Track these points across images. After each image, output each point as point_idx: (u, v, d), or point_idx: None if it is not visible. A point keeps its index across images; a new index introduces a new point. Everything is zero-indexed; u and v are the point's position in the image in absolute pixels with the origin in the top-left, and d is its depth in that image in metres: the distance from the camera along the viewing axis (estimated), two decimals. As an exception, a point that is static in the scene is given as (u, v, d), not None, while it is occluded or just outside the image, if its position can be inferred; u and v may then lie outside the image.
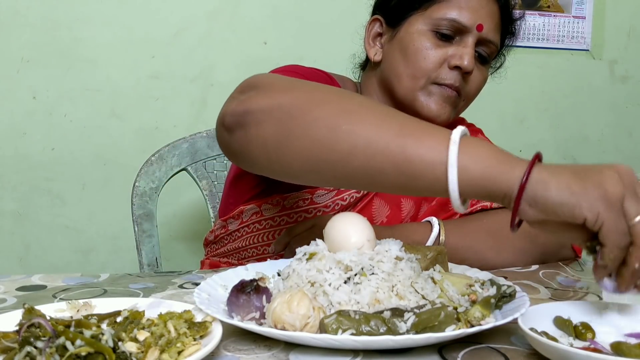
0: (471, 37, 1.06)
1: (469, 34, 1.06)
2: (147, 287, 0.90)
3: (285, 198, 1.11)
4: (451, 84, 1.06)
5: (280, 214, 1.12)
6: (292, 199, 1.11)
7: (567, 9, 2.03)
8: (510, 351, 0.65)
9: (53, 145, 1.69)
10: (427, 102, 1.07)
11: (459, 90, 1.07)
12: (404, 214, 1.16)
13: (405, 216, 1.17)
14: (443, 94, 1.06)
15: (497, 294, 0.70)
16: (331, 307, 0.67)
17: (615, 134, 2.13)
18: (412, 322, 0.63)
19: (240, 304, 0.68)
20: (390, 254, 0.73)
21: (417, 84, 1.07)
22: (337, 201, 1.11)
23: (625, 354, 0.61)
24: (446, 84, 1.06)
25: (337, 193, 1.11)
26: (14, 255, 1.73)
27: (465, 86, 1.08)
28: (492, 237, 1.05)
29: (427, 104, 1.07)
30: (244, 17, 1.79)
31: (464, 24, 1.05)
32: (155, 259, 1.39)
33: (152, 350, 0.58)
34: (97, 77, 1.71)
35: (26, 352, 0.55)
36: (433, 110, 1.07)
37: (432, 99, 1.07)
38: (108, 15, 1.70)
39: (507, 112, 2.04)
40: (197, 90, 1.76)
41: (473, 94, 1.11)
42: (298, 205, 1.11)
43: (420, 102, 1.07)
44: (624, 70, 2.11)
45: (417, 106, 1.08)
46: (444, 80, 1.06)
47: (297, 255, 0.76)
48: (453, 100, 1.07)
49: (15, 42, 1.65)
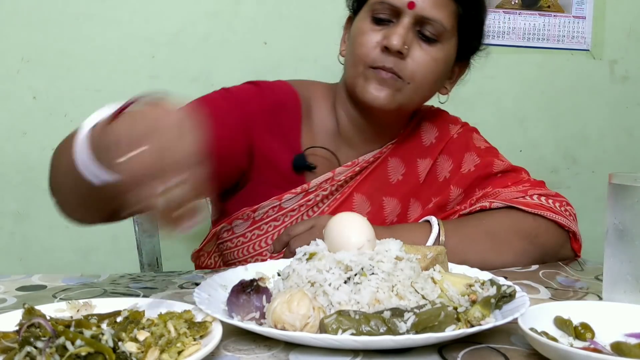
0: (407, 17, 1.04)
1: (404, 15, 1.04)
2: (147, 287, 0.90)
3: (255, 210, 1.12)
4: (383, 66, 1.04)
5: (251, 229, 1.13)
6: (263, 209, 1.12)
7: (567, 9, 2.03)
8: (510, 351, 0.65)
9: (53, 145, 1.68)
10: (363, 87, 1.06)
11: (395, 72, 1.05)
12: (386, 212, 1.17)
13: (389, 214, 1.17)
14: (377, 77, 1.05)
15: (497, 294, 0.70)
16: (331, 307, 0.67)
17: (615, 134, 2.13)
18: (412, 322, 0.63)
19: (240, 304, 0.68)
20: (390, 254, 0.73)
21: (356, 70, 1.07)
22: (303, 203, 1.12)
23: (625, 354, 0.61)
24: (379, 67, 1.05)
25: (304, 195, 1.12)
26: (14, 255, 1.73)
27: (404, 68, 1.05)
28: (491, 238, 1.05)
29: (363, 88, 1.06)
30: (244, 17, 1.79)
31: (394, 4, 1.04)
32: (155, 259, 1.39)
33: (152, 350, 0.58)
34: (97, 77, 1.70)
35: (26, 352, 0.55)
36: (369, 94, 1.06)
37: (368, 83, 1.06)
38: (108, 15, 1.70)
39: (507, 112, 2.04)
40: (197, 90, 1.75)
41: (420, 75, 1.07)
42: (268, 215, 1.12)
43: (359, 88, 1.07)
44: (624, 70, 2.11)
45: (357, 92, 1.08)
46: (377, 63, 1.05)
47: (297, 255, 0.76)
48: (391, 83, 1.05)
49: (15, 42, 1.65)
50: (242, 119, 1.09)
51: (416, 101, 1.12)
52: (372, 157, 1.17)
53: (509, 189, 1.14)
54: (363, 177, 1.17)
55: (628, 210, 0.79)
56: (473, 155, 1.20)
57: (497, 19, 1.98)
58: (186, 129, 0.60)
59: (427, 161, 1.20)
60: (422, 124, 1.23)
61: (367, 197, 1.16)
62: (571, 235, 1.12)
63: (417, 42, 1.06)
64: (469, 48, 1.15)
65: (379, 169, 1.18)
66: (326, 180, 1.13)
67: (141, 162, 0.57)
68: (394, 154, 1.19)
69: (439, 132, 1.23)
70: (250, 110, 1.10)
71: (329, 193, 1.14)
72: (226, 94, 1.11)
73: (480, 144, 1.24)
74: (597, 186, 2.07)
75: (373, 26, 1.07)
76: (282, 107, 1.13)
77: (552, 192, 1.15)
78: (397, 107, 1.08)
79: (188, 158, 0.58)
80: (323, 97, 1.19)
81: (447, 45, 1.08)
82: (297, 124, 1.15)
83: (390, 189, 1.18)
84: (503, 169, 1.19)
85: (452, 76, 1.18)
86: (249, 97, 1.11)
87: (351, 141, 1.18)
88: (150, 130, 0.58)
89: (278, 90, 1.15)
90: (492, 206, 1.10)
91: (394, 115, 1.13)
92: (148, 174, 0.57)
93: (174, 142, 0.58)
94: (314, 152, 1.14)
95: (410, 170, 1.20)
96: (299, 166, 1.12)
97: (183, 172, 0.58)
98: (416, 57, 1.06)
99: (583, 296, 0.89)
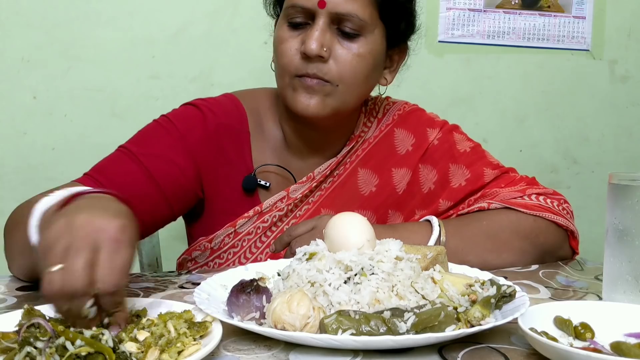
0: (321, 17, 1.00)
1: (318, 16, 1.00)
2: (147, 287, 0.90)
3: (212, 240, 1.11)
4: (306, 73, 1.01)
5: (211, 258, 1.12)
6: (218, 238, 1.10)
7: (567, 9, 2.03)
8: (510, 351, 0.65)
9: (53, 145, 1.69)
10: (292, 97, 1.03)
11: (320, 77, 1.01)
12: None
13: None
14: (304, 85, 1.01)
15: (497, 294, 0.70)
16: (331, 307, 0.67)
17: (615, 134, 2.13)
18: (412, 322, 0.63)
19: (240, 304, 0.68)
20: (390, 254, 0.73)
21: (284, 81, 1.04)
22: (258, 225, 1.10)
23: (625, 354, 0.61)
24: (303, 74, 1.01)
25: (259, 217, 1.10)
26: (14, 255, 1.73)
27: (329, 71, 1.01)
28: (492, 239, 1.05)
29: (293, 99, 1.03)
30: (244, 17, 1.79)
31: (304, 6, 1.00)
32: (155, 259, 1.39)
33: (152, 350, 0.58)
34: (97, 77, 1.70)
35: (26, 353, 0.55)
36: (299, 104, 1.02)
37: (296, 93, 1.02)
38: (108, 15, 1.70)
39: (507, 112, 2.04)
40: (197, 90, 1.76)
41: (348, 75, 1.02)
42: (225, 243, 1.11)
43: (289, 99, 1.04)
44: (624, 70, 2.10)
45: (288, 103, 1.04)
46: (300, 71, 1.01)
47: (297, 255, 0.76)
48: (318, 89, 1.01)
49: (15, 42, 1.65)
50: (187, 151, 1.06)
51: (351, 101, 1.07)
52: (329, 167, 1.13)
53: (506, 188, 1.14)
54: (329, 191, 1.14)
55: (628, 210, 0.79)
56: (462, 168, 1.15)
57: (497, 19, 1.98)
58: (119, 247, 0.61)
59: (404, 171, 1.16)
60: (396, 131, 1.18)
61: (336, 211, 1.09)
62: (569, 234, 1.12)
63: (337, 41, 1.02)
64: (399, 33, 1.09)
65: (348, 180, 1.15)
66: (281, 199, 1.10)
67: (57, 279, 0.58)
68: (364, 165, 1.15)
69: (416, 139, 1.17)
70: (193, 141, 1.07)
71: (287, 211, 1.11)
72: (168, 125, 1.07)
73: (464, 146, 1.18)
74: (597, 186, 2.07)
75: (291, 32, 1.03)
76: (227, 129, 1.10)
77: (550, 190, 1.15)
78: (332, 112, 1.04)
79: (113, 276, 0.60)
80: (270, 107, 1.16)
81: (371, 37, 1.03)
82: (246, 141, 1.12)
83: (362, 201, 1.15)
84: (494, 177, 1.15)
85: (392, 64, 1.13)
86: (192, 125, 1.08)
87: (300, 152, 1.14)
88: (77, 246, 0.59)
89: (222, 109, 1.11)
90: (490, 207, 1.09)
91: (332, 120, 1.07)
92: (62, 290, 0.58)
93: (102, 259, 0.59)
94: (266, 169, 1.12)
95: (385, 180, 1.16)
96: (251, 188, 1.10)
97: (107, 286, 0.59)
98: (339, 57, 1.01)
99: (583, 296, 0.89)
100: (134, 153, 1.03)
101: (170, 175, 1.04)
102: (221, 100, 1.13)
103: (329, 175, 1.14)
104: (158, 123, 1.09)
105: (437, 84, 1.95)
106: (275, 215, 1.10)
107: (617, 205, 0.80)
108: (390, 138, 1.18)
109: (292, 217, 1.12)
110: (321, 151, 1.14)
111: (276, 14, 1.12)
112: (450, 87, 1.96)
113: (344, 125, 1.14)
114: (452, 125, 1.22)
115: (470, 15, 1.95)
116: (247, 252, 1.11)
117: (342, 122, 1.13)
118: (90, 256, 0.59)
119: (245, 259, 1.11)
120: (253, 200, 1.11)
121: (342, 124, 1.13)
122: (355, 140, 1.16)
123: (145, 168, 1.02)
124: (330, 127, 1.11)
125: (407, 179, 1.16)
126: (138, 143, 1.06)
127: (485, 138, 1.88)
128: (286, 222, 1.12)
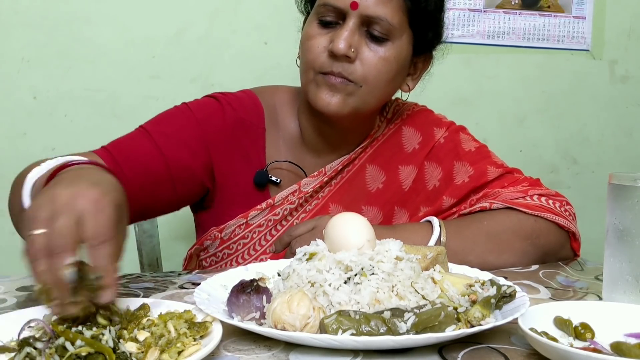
0: (352, 18, 1.01)
1: (349, 16, 1.01)
2: (147, 287, 0.90)
3: (222, 230, 1.12)
4: (331, 71, 1.02)
5: (220, 249, 1.13)
6: (229, 228, 1.11)
7: (567, 9, 2.03)
8: (510, 351, 0.65)
9: (53, 145, 1.69)
10: (315, 94, 1.04)
11: (344, 76, 1.02)
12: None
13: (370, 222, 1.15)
14: (327, 83, 1.02)
15: (497, 294, 0.70)
16: (331, 307, 0.67)
17: (615, 134, 2.13)
18: (412, 322, 0.63)
19: (240, 304, 0.68)
20: (390, 254, 0.73)
21: (307, 77, 1.05)
22: (270, 217, 1.11)
23: (625, 354, 0.61)
24: (328, 72, 1.02)
25: (270, 210, 1.11)
26: (14, 255, 1.73)
27: (354, 71, 1.02)
28: (492, 240, 1.05)
29: (315, 95, 1.04)
30: (244, 17, 1.79)
31: (337, 6, 1.02)
32: (155, 259, 1.39)
33: (152, 350, 0.58)
34: (97, 77, 1.70)
35: (26, 353, 0.55)
36: (320, 101, 1.03)
37: (319, 90, 1.03)
38: (108, 15, 1.70)
39: (507, 112, 2.04)
40: (197, 90, 1.75)
41: (372, 77, 1.03)
42: (235, 234, 1.12)
43: (311, 95, 1.05)
44: (624, 70, 2.10)
45: (310, 99, 1.06)
46: (325, 69, 1.02)
47: (297, 256, 0.76)
48: (341, 88, 1.02)
49: (15, 42, 1.65)
50: (202, 139, 1.08)
51: (372, 103, 1.08)
52: (340, 164, 1.14)
53: (508, 188, 1.14)
54: (338, 187, 1.15)
55: (628, 210, 0.79)
56: (466, 166, 1.17)
57: (497, 19, 1.98)
58: (101, 206, 0.63)
59: (411, 168, 1.17)
60: (403, 129, 1.19)
61: (344, 207, 1.13)
62: (571, 235, 1.12)
63: (365, 43, 1.03)
64: (426, 41, 1.11)
65: (356, 177, 1.16)
66: (292, 192, 1.12)
67: (39, 241, 0.60)
68: (371, 161, 1.17)
69: (422, 137, 1.19)
70: (210, 130, 1.09)
71: (298, 205, 1.12)
72: (187, 112, 1.10)
73: (469, 145, 1.19)
74: (597, 186, 2.07)
75: (320, 30, 1.04)
76: (243, 124, 1.12)
77: (552, 192, 1.15)
78: (352, 112, 1.05)
79: (99, 228, 0.62)
80: (288, 103, 1.17)
81: (398, 42, 1.04)
82: (261, 137, 1.13)
83: (369, 197, 1.16)
84: (498, 175, 1.16)
85: (415, 72, 1.14)
86: (210, 114, 1.10)
87: (316, 149, 1.15)
88: (59, 211, 0.61)
89: (240, 104, 1.13)
90: (492, 207, 1.09)
91: (352, 119, 1.09)
92: (46, 248, 0.60)
93: (85, 218, 0.61)
94: (278, 165, 1.14)
95: (392, 177, 1.17)
96: (262, 183, 1.12)
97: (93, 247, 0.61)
98: (365, 59, 1.02)
99: (583, 296, 0.89)
100: (149, 131, 1.07)
101: (181, 156, 1.06)
102: (240, 96, 1.16)
103: (339, 171, 1.15)
104: (178, 108, 1.12)
105: (437, 84, 1.94)
106: (287, 209, 1.11)
107: (617, 206, 0.81)
108: (398, 136, 1.19)
109: (302, 212, 1.14)
110: (336, 149, 1.16)
111: (307, 11, 1.13)
112: (450, 87, 1.96)
113: (362, 125, 1.16)
114: (459, 126, 1.24)
115: (470, 16, 1.95)
116: (257, 244, 1.12)
117: (360, 123, 1.14)
118: (73, 218, 0.61)
119: (254, 250, 1.12)
120: (263, 195, 1.13)
121: (359, 124, 1.15)
122: (367, 139, 1.17)
123: (157, 145, 1.04)
124: (348, 126, 1.12)
125: (413, 176, 1.17)
126: (155, 123, 1.09)
127: (485, 138, 1.86)
128: (296, 216, 1.13)
